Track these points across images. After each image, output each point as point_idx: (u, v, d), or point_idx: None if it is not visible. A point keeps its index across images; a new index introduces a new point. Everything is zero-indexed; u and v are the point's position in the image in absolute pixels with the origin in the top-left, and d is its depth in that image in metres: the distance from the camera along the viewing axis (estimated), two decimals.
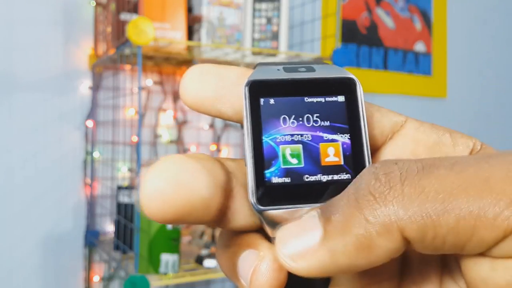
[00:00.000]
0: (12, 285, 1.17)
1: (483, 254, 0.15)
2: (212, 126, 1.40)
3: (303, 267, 0.16)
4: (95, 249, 1.24)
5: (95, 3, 1.23)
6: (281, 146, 0.17)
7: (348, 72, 0.18)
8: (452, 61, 1.83)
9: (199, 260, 1.07)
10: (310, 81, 0.18)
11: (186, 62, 1.23)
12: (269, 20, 1.12)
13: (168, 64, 1.26)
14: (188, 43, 1.06)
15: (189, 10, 1.13)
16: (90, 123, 1.24)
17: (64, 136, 1.23)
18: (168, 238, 0.98)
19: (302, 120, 0.18)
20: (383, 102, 1.70)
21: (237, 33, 1.12)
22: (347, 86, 0.18)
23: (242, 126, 0.18)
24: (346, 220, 0.15)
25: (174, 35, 1.05)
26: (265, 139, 0.17)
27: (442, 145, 0.19)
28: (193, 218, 0.16)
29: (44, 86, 1.20)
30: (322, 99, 0.18)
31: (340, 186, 0.17)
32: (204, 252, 1.10)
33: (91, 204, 1.24)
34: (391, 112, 0.20)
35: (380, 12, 1.67)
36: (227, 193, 0.17)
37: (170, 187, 0.16)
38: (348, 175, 0.17)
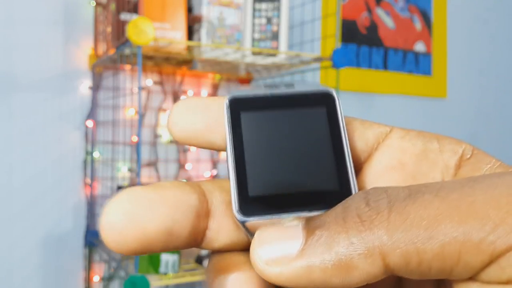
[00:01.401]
0: (12, 285, 1.17)
1: (472, 278, 0.15)
2: None
3: (276, 273, 0.16)
4: (95, 249, 1.24)
5: (95, 3, 1.23)
6: (262, 158, 0.18)
7: (326, 87, 0.19)
8: (452, 61, 1.83)
9: (199, 260, 1.07)
10: (290, 95, 0.18)
11: (186, 62, 1.23)
12: (269, 20, 1.12)
13: (168, 64, 1.26)
14: (188, 43, 1.06)
15: (189, 10, 1.13)
16: (90, 123, 1.24)
17: (64, 136, 1.23)
18: None
19: (283, 134, 0.18)
20: (383, 102, 1.70)
21: (237, 33, 1.12)
22: (326, 100, 0.18)
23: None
24: (330, 237, 0.15)
25: (174, 35, 1.05)
26: (247, 151, 0.17)
27: (429, 152, 0.19)
28: (158, 247, 0.17)
29: (44, 86, 1.20)
30: (302, 112, 0.18)
31: (322, 196, 0.17)
32: (204, 252, 1.10)
33: (91, 204, 1.24)
34: (375, 124, 0.20)
35: (380, 12, 1.67)
36: (200, 215, 0.17)
37: (121, 221, 0.16)
38: (330, 185, 0.17)
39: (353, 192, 0.17)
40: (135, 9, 1.06)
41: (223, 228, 0.18)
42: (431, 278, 0.15)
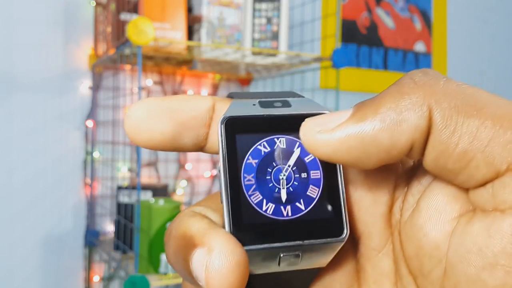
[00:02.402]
0: (12, 285, 1.17)
1: (485, 187, 0.15)
2: None
3: (327, 138, 0.15)
4: (95, 249, 1.24)
5: (95, 3, 1.23)
6: (258, 184, 0.17)
7: (324, 108, 0.18)
8: (452, 61, 1.83)
9: None
10: (287, 117, 0.18)
11: (186, 62, 1.23)
12: (269, 20, 1.12)
13: (168, 64, 1.26)
14: (188, 43, 1.06)
15: (189, 10, 1.13)
16: (90, 123, 1.24)
17: (64, 136, 1.22)
18: None
19: (280, 158, 0.17)
20: None
21: (237, 33, 1.12)
22: None
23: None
24: (382, 96, 0.16)
25: (174, 35, 1.05)
26: (242, 176, 0.17)
27: None
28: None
29: (44, 86, 1.20)
30: (298, 136, 0.17)
31: (317, 224, 0.17)
32: None
33: (91, 204, 1.24)
34: None
35: (380, 12, 1.67)
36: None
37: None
38: (325, 213, 0.17)
39: (343, 220, 0.17)
40: (135, 9, 1.06)
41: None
42: (451, 167, 0.15)
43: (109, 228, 1.26)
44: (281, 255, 0.17)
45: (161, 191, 1.16)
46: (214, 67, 1.27)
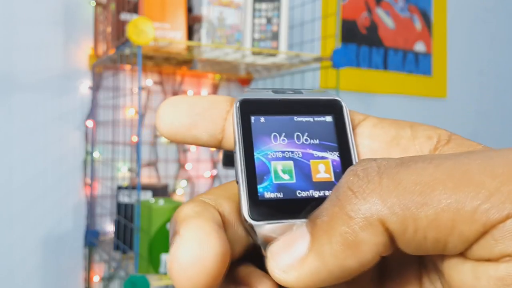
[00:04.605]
0: (12, 285, 1.17)
1: (466, 256, 0.15)
2: None
3: (295, 277, 0.16)
4: (95, 249, 1.24)
5: (95, 3, 1.23)
6: (272, 162, 0.17)
7: (334, 94, 0.19)
8: (452, 61, 1.83)
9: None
10: (299, 101, 0.19)
11: (186, 62, 1.23)
12: (269, 20, 1.12)
13: (168, 64, 1.26)
14: (188, 43, 1.06)
15: (189, 10, 1.13)
16: (90, 123, 1.24)
17: (64, 136, 1.22)
18: (168, 238, 0.98)
19: (292, 138, 0.18)
20: (383, 102, 1.70)
21: (237, 33, 1.12)
22: (334, 107, 0.19)
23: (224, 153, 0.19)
24: (330, 220, 0.15)
25: (174, 35, 1.05)
26: (257, 155, 0.17)
27: (400, 138, 0.19)
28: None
29: (44, 86, 1.20)
30: (311, 119, 0.18)
31: None
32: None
33: (91, 204, 1.24)
34: (351, 113, 0.20)
35: (380, 12, 1.67)
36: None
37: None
38: None
39: None
40: (135, 9, 1.06)
41: (235, 237, 0.18)
42: (429, 253, 0.15)
43: (109, 228, 1.26)
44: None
45: (161, 191, 1.16)
46: (214, 67, 1.27)
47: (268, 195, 0.17)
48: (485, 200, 0.14)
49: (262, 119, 0.18)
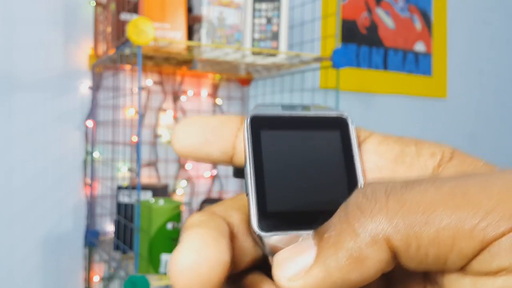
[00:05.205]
0: (12, 285, 1.17)
1: (465, 271, 0.16)
2: None
3: (300, 285, 0.16)
4: (95, 249, 1.24)
5: (95, 3, 1.23)
6: (280, 176, 0.18)
7: (341, 111, 0.20)
8: (452, 61, 1.83)
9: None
10: (307, 117, 0.20)
11: (186, 62, 1.23)
12: (269, 20, 1.12)
13: (168, 64, 1.26)
14: (188, 43, 1.06)
15: (189, 10, 1.13)
16: (90, 123, 1.24)
17: (64, 136, 1.22)
18: (168, 238, 0.98)
19: (300, 153, 0.19)
20: (383, 102, 1.70)
21: (237, 33, 1.12)
22: (341, 123, 0.20)
23: (235, 170, 0.20)
24: (338, 235, 0.16)
25: (174, 35, 1.05)
26: (266, 169, 0.18)
27: (405, 156, 0.20)
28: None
29: (44, 86, 1.20)
30: (318, 135, 0.19)
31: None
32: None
33: (91, 204, 1.24)
34: (357, 129, 0.21)
35: (380, 12, 1.67)
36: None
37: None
38: (341, 203, 0.18)
39: None
40: (135, 9, 1.06)
41: (245, 248, 0.19)
42: (430, 269, 0.16)
43: (109, 228, 1.26)
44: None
45: (161, 191, 1.16)
46: (214, 67, 1.27)
47: (277, 206, 0.18)
48: (483, 219, 0.15)
49: (271, 134, 0.19)
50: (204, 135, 0.20)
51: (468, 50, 1.89)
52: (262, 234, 0.17)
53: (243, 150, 0.20)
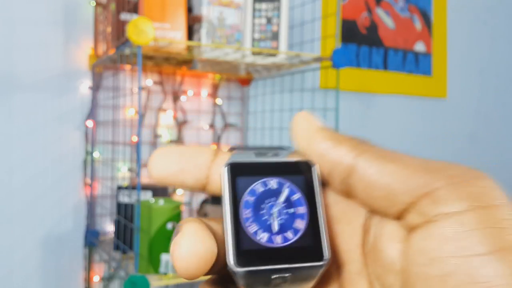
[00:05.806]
0: (12, 285, 1.17)
1: (401, 220, 0.19)
2: (212, 126, 1.40)
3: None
4: (95, 249, 1.24)
5: (95, 3, 1.23)
6: (254, 217, 0.21)
7: (307, 158, 0.23)
8: (452, 61, 1.83)
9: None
10: (276, 163, 0.22)
11: (186, 62, 1.23)
12: (269, 20, 1.12)
13: (168, 64, 1.26)
14: (188, 43, 1.06)
15: (189, 10, 1.13)
16: (90, 123, 1.24)
17: (64, 136, 1.23)
18: (168, 238, 0.98)
19: (271, 196, 0.21)
20: (383, 102, 1.70)
21: (237, 33, 1.12)
22: (304, 168, 0.22)
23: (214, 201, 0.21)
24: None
25: (174, 35, 1.05)
26: (241, 211, 0.21)
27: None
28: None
29: (44, 86, 1.20)
30: (286, 179, 0.22)
31: (303, 251, 0.21)
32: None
33: (91, 204, 1.24)
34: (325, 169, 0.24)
35: (380, 12, 1.67)
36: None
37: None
38: (309, 241, 0.21)
39: (324, 246, 0.21)
40: (135, 9, 1.06)
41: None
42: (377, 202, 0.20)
43: (109, 228, 1.26)
44: (273, 277, 0.20)
45: (161, 191, 1.16)
46: (214, 67, 1.27)
47: (250, 245, 0.20)
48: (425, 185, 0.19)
49: (246, 180, 0.21)
50: (180, 164, 0.22)
51: (468, 50, 1.89)
52: (237, 269, 0.19)
53: (216, 181, 0.22)
